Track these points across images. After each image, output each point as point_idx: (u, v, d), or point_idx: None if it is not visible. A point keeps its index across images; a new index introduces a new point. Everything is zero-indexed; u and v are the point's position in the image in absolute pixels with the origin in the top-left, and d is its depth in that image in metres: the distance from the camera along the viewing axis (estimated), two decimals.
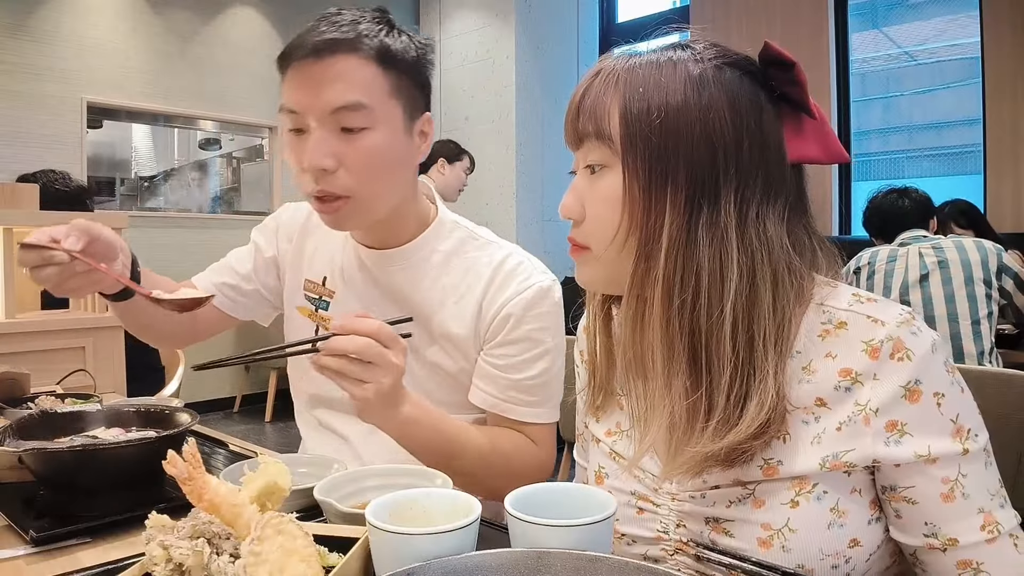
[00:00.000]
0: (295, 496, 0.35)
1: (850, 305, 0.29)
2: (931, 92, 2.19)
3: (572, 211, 0.31)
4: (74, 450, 0.37)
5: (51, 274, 0.37)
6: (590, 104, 0.30)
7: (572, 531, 0.25)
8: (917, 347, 0.27)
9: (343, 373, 0.35)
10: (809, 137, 0.31)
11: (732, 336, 0.27)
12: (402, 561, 0.24)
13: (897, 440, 0.27)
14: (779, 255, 0.28)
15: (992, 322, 1.05)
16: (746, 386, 0.27)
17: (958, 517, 0.27)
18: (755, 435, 0.27)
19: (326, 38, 0.41)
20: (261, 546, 0.24)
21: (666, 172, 0.28)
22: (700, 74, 0.28)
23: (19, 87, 1.97)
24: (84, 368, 0.77)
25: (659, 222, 0.28)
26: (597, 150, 0.30)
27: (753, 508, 0.29)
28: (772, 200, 0.29)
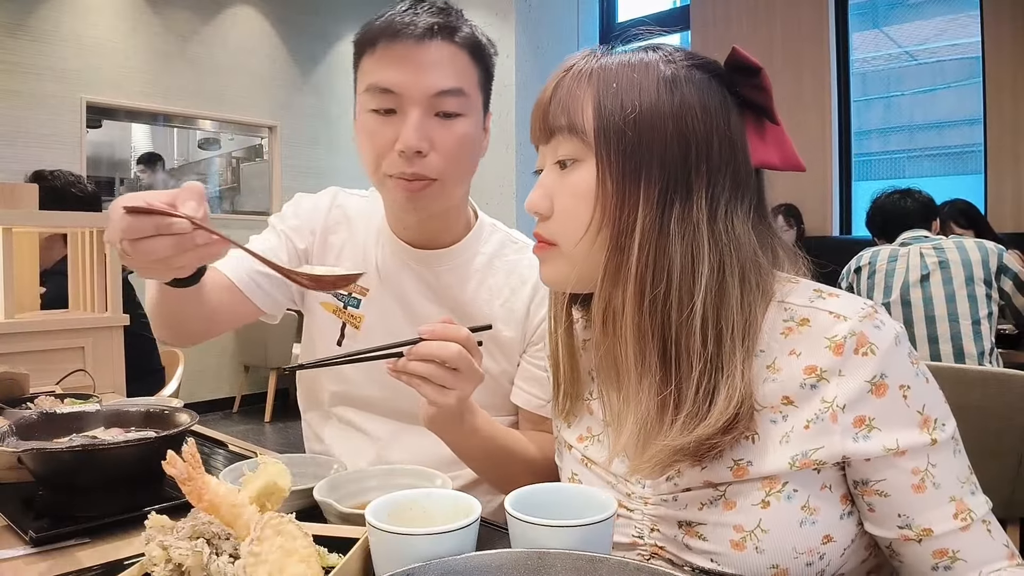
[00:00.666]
0: (295, 496, 0.35)
1: (811, 301, 0.29)
2: (932, 92, 2.19)
3: (540, 206, 0.30)
4: (73, 450, 0.37)
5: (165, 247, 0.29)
6: (562, 98, 0.30)
7: (572, 531, 0.25)
8: (880, 340, 0.27)
9: (429, 379, 0.35)
10: (770, 143, 0.31)
11: (702, 331, 0.27)
12: (402, 561, 0.24)
13: (865, 435, 0.27)
14: (746, 252, 0.29)
15: (992, 322, 1.06)
16: (714, 380, 0.27)
17: (930, 507, 0.27)
18: (724, 429, 0.27)
19: (431, 22, 0.41)
20: (260, 546, 0.24)
21: (639, 166, 0.28)
22: (672, 74, 0.29)
23: (18, 87, 1.97)
24: (83, 368, 0.77)
25: (632, 216, 0.28)
26: (568, 144, 0.30)
27: (724, 510, 0.29)
28: (740, 199, 0.29)
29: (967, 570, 0.27)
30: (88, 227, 0.87)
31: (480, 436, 0.40)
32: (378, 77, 0.42)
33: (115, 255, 0.86)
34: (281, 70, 2.56)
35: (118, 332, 0.84)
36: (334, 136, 2.68)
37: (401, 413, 0.48)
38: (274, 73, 2.54)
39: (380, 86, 0.41)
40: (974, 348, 1.04)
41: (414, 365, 0.35)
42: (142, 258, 0.30)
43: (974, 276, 1.05)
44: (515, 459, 0.42)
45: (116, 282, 0.86)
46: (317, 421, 0.53)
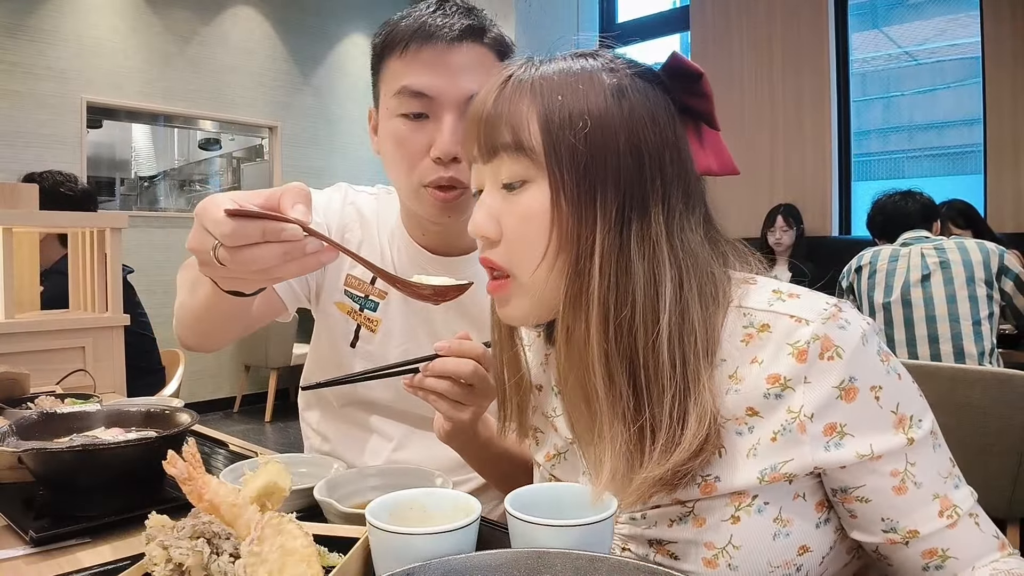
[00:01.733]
0: (295, 496, 0.35)
1: (770, 305, 0.28)
2: (931, 92, 2.19)
3: (487, 229, 0.28)
4: (74, 450, 0.37)
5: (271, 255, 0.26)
6: (503, 113, 0.28)
7: (572, 531, 0.25)
8: (846, 342, 0.26)
9: (445, 395, 0.34)
10: (709, 149, 0.30)
11: (669, 352, 0.26)
12: (402, 561, 0.24)
13: (837, 443, 0.26)
14: (703, 265, 0.28)
15: (993, 323, 1.05)
16: (685, 403, 0.26)
17: (914, 508, 0.26)
18: (696, 453, 0.26)
19: (464, 23, 0.40)
20: (261, 546, 0.24)
21: (595, 184, 0.26)
22: (618, 83, 0.27)
23: (18, 87, 1.97)
24: (84, 368, 0.77)
25: (591, 237, 0.26)
26: (515, 164, 0.28)
27: (694, 527, 0.28)
28: (691, 211, 0.28)
29: (959, 567, 0.27)
30: (89, 227, 0.87)
31: (494, 448, 0.40)
32: (409, 80, 0.40)
33: (115, 254, 0.86)
34: (282, 70, 2.56)
35: (119, 332, 0.84)
36: (335, 136, 2.68)
37: (413, 417, 0.48)
38: (275, 73, 2.54)
39: (412, 89, 0.40)
40: (974, 348, 1.04)
41: (430, 381, 0.34)
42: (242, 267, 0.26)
43: (975, 277, 1.05)
44: (527, 469, 0.41)
45: (116, 282, 0.86)
46: (322, 421, 0.52)
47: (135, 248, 2.10)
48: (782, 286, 0.29)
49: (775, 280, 0.30)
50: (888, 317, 1.10)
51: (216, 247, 0.27)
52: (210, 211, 0.27)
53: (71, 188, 1.11)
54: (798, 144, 2.19)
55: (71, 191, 1.10)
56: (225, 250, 0.27)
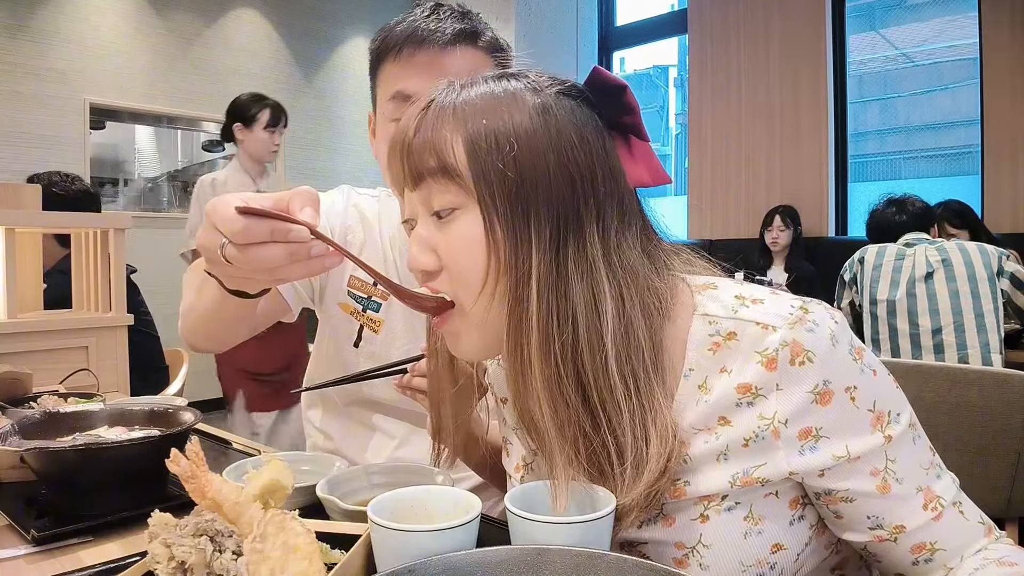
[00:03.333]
0: (297, 494, 0.35)
1: (735, 311, 0.27)
2: (929, 93, 2.20)
3: (425, 262, 0.27)
4: (77, 449, 0.37)
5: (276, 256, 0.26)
6: (427, 139, 0.27)
7: (572, 528, 0.25)
8: (816, 346, 0.25)
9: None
10: (639, 160, 0.29)
11: (619, 371, 0.26)
12: (403, 558, 0.24)
13: (812, 447, 0.26)
14: (642, 280, 0.27)
15: (997, 317, 1.06)
16: (644, 418, 0.26)
17: (899, 504, 0.26)
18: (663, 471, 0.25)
19: (456, 28, 0.40)
20: (263, 543, 0.24)
21: (527, 207, 0.26)
22: (543, 103, 0.27)
23: (21, 88, 1.98)
24: (87, 368, 0.77)
25: (527, 262, 0.26)
26: (444, 192, 0.27)
27: (664, 527, 0.27)
28: (628, 226, 0.28)
29: (948, 558, 0.27)
30: (92, 228, 0.87)
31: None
32: (403, 84, 0.40)
33: (119, 254, 0.86)
34: (284, 73, 2.57)
35: (122, 332, 0.85)
36: (336, 138, 2.69)
37: (416, 415, 0.48)
38: (277, 76, 2.56)
39: (406, 93, 0.40)
40: (977, 340, 1.05)
41: (417, 381, 0.35)
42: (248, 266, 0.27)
43: (976, 275, 1.07)
44: None
45: (120, 282, 0.86)
46: (324, 419, 0.52)
47: (138, 249, 2.10)
48: (744, 290, 0.28)
49: (735, 283, 0.29)
50: (892, 309, 1.11)
51: (224, 245, 0.27)
52: (220, 209, 0.27)
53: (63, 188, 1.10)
54: (795, 145, 2.19)
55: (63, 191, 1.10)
56: (233, 248, 0.27)
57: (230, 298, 0.34)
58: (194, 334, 0.44)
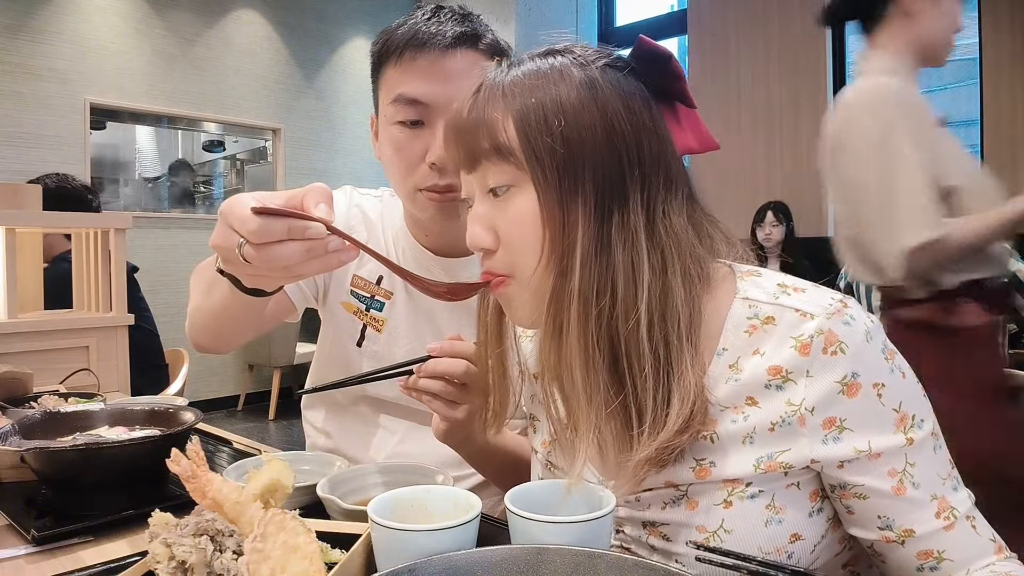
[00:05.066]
0: (298, 493, 0.35)
1: (776, 298, 0.28)
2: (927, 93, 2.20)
3: (485, 240, 0.29)
4: (77, 449, 0.37)
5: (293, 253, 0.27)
6: (479, 121, 0.28)
7: (571, 527, 0.25)
8: (850, 338, 0.26)
9: (440, 395, 0.35)
10: (687, 128, 0.30)
11: (649, 336, 0.26)
12: (404, 557, 0.24)
13: (836, 437, 0.26)
14: (686, 247, 0.28)
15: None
16: (668, 384, 0.26)
17: (912, 508, 0.26)
18: (681, 430, 0.26)
19: (457, 30, 0.41)
20: (264, 543, 0.24)
21: (575, 180, 0.27)
22: (589, 77, 0.27)
23: (21, 88, 1.98)
24: (88, 367, 0.77)
25: (573, 233, 0.27)
26: (499, 171, 0.28)
27: (687, 510, 0.28)
28: (674, 194, 0.28)
29: (954, 569, 0.27)
30: (92, 228, 0.87)
31: (491, 446, 0.40)
32: (405, 88, 0.41)
33: (119, 254, 0.87)
34: (284, 73, 2.57)
35: (123, 332, 0.85)
36: (337, 138, 2.68)
37: (416, 413, 0.48)
38: (278, 76, 2.55)
39: (408, 97, 0.40)
40: None
41: (424, 382, 0.35)
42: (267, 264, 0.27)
43: None
44: (525, 466, 0.42)
45: (121, 282, 0.86)
46: (325, 419, 0.52)
47: (139, 249, 2.10)
48: (787, 279, 0.29)
49: (780, 273, 0.30)
50: None
51: (242, 245, 0.27)
52: (236, 210, 0.27)
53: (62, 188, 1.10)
54: (794, 145, 2.19)
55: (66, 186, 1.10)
56: (251, 247, 0.27)
57: (240, 297, 0.34)
58: (202, 334, 0.45)
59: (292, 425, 2.24)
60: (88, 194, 1.16)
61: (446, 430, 0.37)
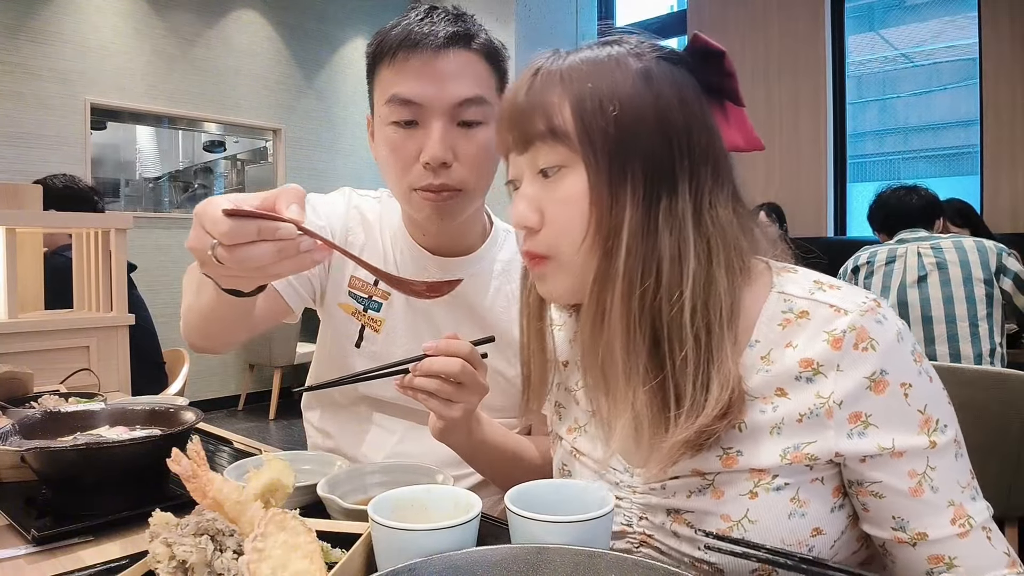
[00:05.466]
0: (298, 493, 0.35)
1: (811, 293, 0.29)
2: (927, 94, 2.21)
3: (530, 219, 0.29)
4: (78, 449, 0.37)
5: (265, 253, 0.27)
6: (535, 103, 0.29)
7: (571, 527, 0.25)
8: (882, 336, 0.27)
9: (435, 394, 0.35)
10: (734, 126, 0.31)
11: (692, 321, 0.27)
12: (404, 557, 0.24)
13: (861, 432, 0.27)
14: (730, 238, 0.29)
15: (992, 322, 1.04)
16: (708, 370, 0.27)
17: (927, 512, 0.27)
18: (720, 416, 0.27)
19: (450, 30, 0.41)
20: (264, 542, 0.24)
21: (625, 164, 0.28)
22: (644, 68, 0.28)
23: (21, 88, 1.98)
24: (88, 367, 0.77)
25: (620, 216, 0.28)
26: (551, 151, 0.29)
27: (713, 498, 0.29)
28: (721, 187, 0.29)
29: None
30: (93, 228, 0.87)
31: (488, 445, 0.40)
32: (398, 88, 0.41)
33: (120, 254, 0.87)
34: (285, 74, 2.57)
35: (123, 332, 0.85)
36: (337, 139, 2.69)
37: (415, 413, 0.48)
38: (278, 76, 2.55)
39: (401, 97, 0.41)
40: (971, 350, 1.03)
41: (420, 381, 0.35)
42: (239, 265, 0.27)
43: (972, 276, 1.04)
44: (521, 465, 0.42)
45: (121, 282, 0.86)
46: (323, 418, 0.53)
47: (139, 249, 2.10)
48: (823, 278, 0.30)
49: (816, 272, 0.30)
50: None
51: (215, 246, 0.28)
52: (208, 212, 0.28)
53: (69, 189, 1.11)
54: (794, 146, 2.19)
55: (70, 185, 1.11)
56: (223, 248, 0.27)
57: (226, 297, 0.35)
58: (194, 334, 0.45)
59: (292, 425, 2.24)
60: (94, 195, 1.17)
61: (442, 429, 0.38)
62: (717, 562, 0.28)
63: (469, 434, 0.39)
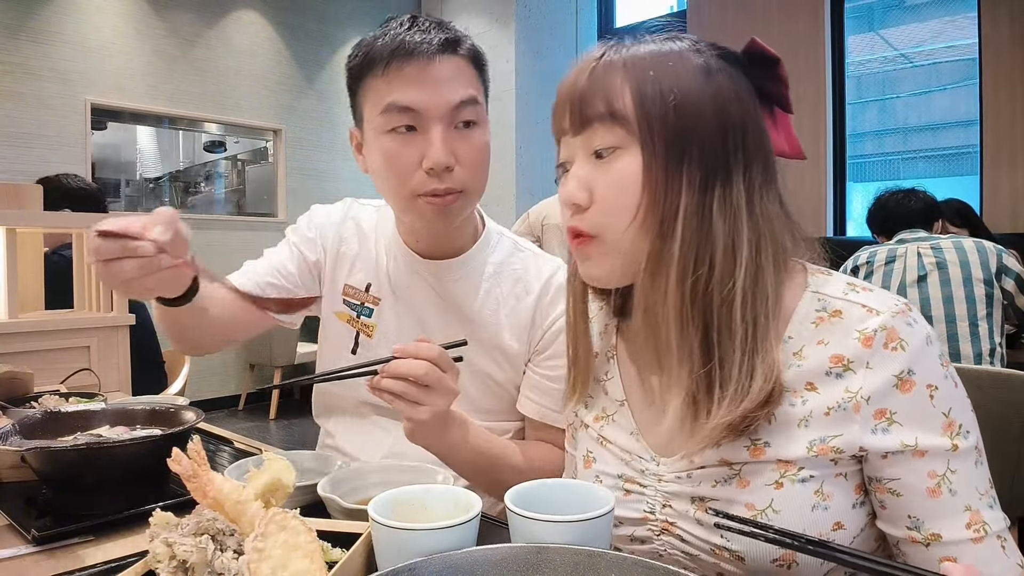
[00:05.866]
0: (299, 492, 0.36)
1: (845, 294, 0.30)
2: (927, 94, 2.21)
3: (579, 197, 0.30)
4: (78, 448, 0.37)
5: (130, 269, 0.32)
6: (597, 85, 0.30)
7: (571, 527, 0.25)
8: (911, 338, 0.28)
9: (402, 396, 0.36)
10: (780, 131, 0.32)
11: (741, 310, 0.28)
12: (404, 556, 0.24)
13: (885, 428, 0.27)
14: (779, 235, 0.30)
15: (992, 323, 1.04)
16: (754, 359, 0.28)
17: (943, 513, 0.27)
18: (763, 403, 0.28)
19: (442, 38, 0.42)
20: (264, 542, 0.24)
21: (683, 151, 0.29)
22: (705, 63, 0.30)
23: (22, 88, 1.98)
24: (88, 367, 0.77)
25: (676, 200, 0.28)
26: (608, 133, 0.29)
27: (738, 488, 0.29)
28: (770, 184, 0.30)
29: None
30: None
31: (464, 448, 0.41)
32: (396, 96, 0.41)
33: None
34: (285, 74, 2.57)
35: (123, 331, 0.84)
36: (337, 139, 2.69)
37: None
38: (279, 77, 2.56)
39: (400, 104, 0.41)
40: (971, 350, 1.03)
41: (387, 382, 0.36)
42: (111, 279, 0.32)
43: (972, 276, 1.04)
44: (502, 468, 0.42)
45: None
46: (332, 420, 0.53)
47: None
48: (857, 281, 0.31)
49: (849, 276, 0.32)
50: None
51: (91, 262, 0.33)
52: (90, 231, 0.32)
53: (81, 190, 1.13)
54: None
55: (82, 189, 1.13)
56: (98, 264, 0.32)
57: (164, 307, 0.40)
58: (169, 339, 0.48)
59: (293, 425, 2.24)
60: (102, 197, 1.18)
61: (411, 430, 0.38)
62: (739, 550, 0.28)
63: (441, 437, 0.39)
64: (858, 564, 0.21)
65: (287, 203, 2.53)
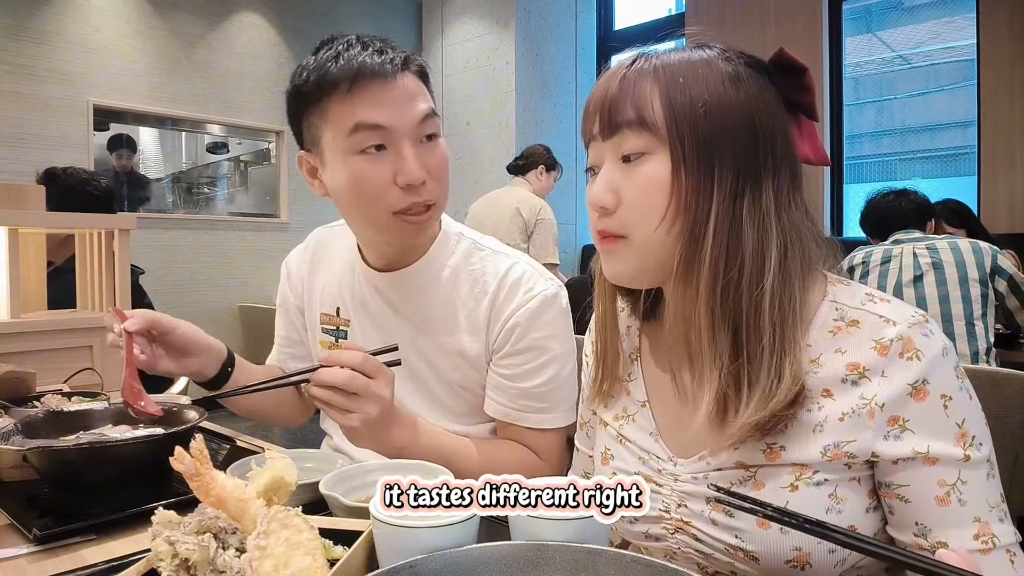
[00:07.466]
0: (301, 490, 0.36)
1: (863, 304, 0.30)
2: (924, 95, 2.21)
3: (605, 200, 0.31)
4: (81, 448, 0.37)
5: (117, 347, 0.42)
6: (627, 92, 0.30)
7: (571, 524, 0.25)
8: (927, 348, 0.28)
9: (329, 404, 0.37)
10: (806, 138, 0.33)
11: (770, 313, 0.28)
12: (405, 553, 0.24)
13: (898, 435, 0.27)
14: (805, 240, 0.30)
15: (987, 322, 1.04)
16: (781, 363, 0.28)
17: (952, 522, 0.27)
18: (790, 403, 0.28)
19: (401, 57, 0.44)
20: (267, 540, 0.24)
21: (713, 156, 0.29)
22: (734, 70, 0.30)
23: (24, 89, 1.99)
24: (91, 367, 0.77)
25: (707, 205, 0.29)
26: (637, 138, 0.30)
27: (753, 490, 0.30)
28: (797, 191, 0.31)
29: None
30: (96, 228, 0.87)
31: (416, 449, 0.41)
32: (364, 116, 0.42)
33: (123, 254, 0.87)
34: (287, 76, 2.49)
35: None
36: None
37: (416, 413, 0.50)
38: (280, 79, 2.58)
39: (369, 123, 0.42)
40: (968, 349, 1.03)
41: (314, 391, 0.37)
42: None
43: (968, 276, 1.04)
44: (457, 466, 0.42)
45: (124, 281, 0.87)
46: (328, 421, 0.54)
47: (143, 249, 2.11)
48: (875, 292, 0.31)
49: (868, 287, 0.32)
50: None
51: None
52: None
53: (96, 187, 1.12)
54: None
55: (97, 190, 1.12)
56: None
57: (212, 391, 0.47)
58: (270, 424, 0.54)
59: None
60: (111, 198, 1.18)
61: (348, 436, 0.39)
62: (753, 549, 0.29)
63: (385, 440, 0.40)
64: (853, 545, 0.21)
65: (290, 204, 2.53)
